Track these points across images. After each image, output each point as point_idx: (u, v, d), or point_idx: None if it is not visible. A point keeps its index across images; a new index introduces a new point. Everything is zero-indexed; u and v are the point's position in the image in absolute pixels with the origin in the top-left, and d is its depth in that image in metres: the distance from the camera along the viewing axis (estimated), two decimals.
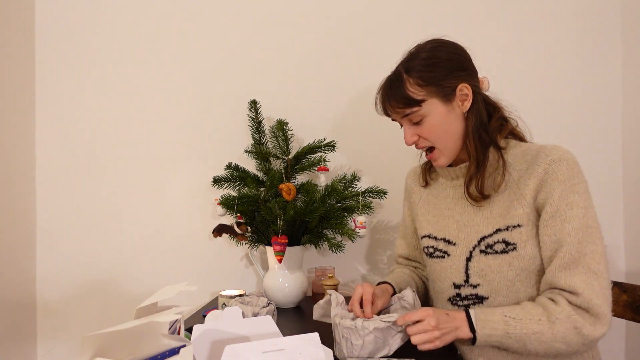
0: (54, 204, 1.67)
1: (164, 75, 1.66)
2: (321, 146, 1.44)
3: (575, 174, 0.89)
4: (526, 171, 0.92)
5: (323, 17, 1.61)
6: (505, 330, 0.86)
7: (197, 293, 1.61)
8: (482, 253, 0.95)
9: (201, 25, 1.65)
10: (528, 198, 0.91)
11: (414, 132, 0.98)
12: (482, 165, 0.95)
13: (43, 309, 1.67)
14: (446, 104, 0.95)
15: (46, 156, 1.68)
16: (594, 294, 0.84)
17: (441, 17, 1.57)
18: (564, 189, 0.88)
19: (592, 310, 0.83)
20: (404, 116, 0.97)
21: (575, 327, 0.84)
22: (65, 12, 1.68)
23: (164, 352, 0.60)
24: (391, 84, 0.98)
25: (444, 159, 1.00)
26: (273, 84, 1.62)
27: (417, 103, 0.94)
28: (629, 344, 1.48)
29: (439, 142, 0.98)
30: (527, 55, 1.54)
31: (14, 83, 1.59)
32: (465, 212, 1.00)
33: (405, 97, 0.95)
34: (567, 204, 0.87)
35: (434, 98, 0.94)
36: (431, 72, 0.94)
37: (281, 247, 1.30)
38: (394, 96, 0.96)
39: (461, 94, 0.96)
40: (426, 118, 0.95)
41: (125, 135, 1.67)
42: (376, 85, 1.63)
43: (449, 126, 0.96)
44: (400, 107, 0.96)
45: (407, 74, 0.95)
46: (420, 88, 0.94)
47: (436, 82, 0.94)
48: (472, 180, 0.96)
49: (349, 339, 0.89)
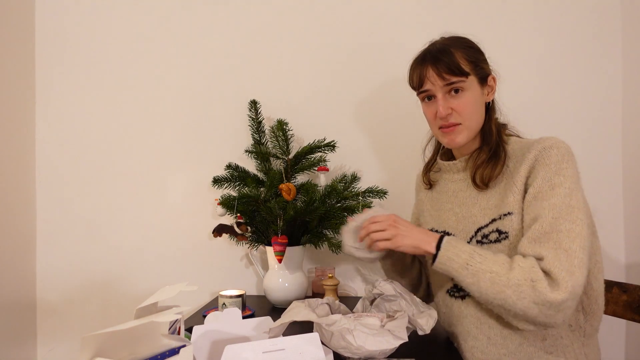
0: (54, 204, 1.67)
1: (164, 75, 1.66)
2: (321, 146, 1.44)
3: (565, 160, 0.89)
4: (520, 160, 0.95)
5: (323, 17, 1.61)
6: (466, 261, 0.88)
7: (197, 293, 1.61)
8: (479, 243, 0.97)
9: (201, 26, 1.65)
10: (519, 185, 0.92)
11: (449, 104, 0.98)
12: (494, 153, 0.98)
13: (43, 309, 1.67)
14: (481, 87, 1.00)
15: (46, 156, 1.68)
16: (559, 263, 0.82)
17: (441, 17, 1.57)
18: (548, 171, 0.89)
19: (552, 274, 0.82)
20: (447, 84, 0.97)
21: (532, 279, 0.82)
22: (65, 12, 1.68)
23: (164, 352, 0.60)
24: (439, 52, 0.97)
25: (463, 135, 1.00)
26: (273, 84, 1.62)
27: (465, 74, 0.96)
28: (629, 344, 1.48)
29: (469, 119, 0.99)
30: (527, 55, 1.53)
31: (14, 83, 1.59)
32: (464, 204, 1.03)
33: (457, 65, 0.96)
34: (549, 185, 0.88)
35: (475, 76, 0.98)
36: (474, 53, 0.99)
37: (281, 247, 1.30)
38: (445, 62, 0.96)
39: (489, 85, 1.01)
40: (466, 92, 0.97)
41: (125, 135, 1.67)
42: (376, 85, 1.63)
43: (479, 108, 1.00)
44: (449, 73, 0.96)
45: (453, 48, 0.97)
46: (467, 62, 0.97)
47: (478, 62, 0.98)
48: (482, 164, 0.99)
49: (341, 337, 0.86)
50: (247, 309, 1.32)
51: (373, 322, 0.84)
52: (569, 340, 0.93)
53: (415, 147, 1.57)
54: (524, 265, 0.84)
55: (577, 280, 0.82)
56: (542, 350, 0.92)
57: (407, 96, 1.18)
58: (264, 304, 1.42)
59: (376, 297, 1.04)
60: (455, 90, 0.97)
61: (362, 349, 0.82)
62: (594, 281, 0.94)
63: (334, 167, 1.57)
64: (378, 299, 1.04)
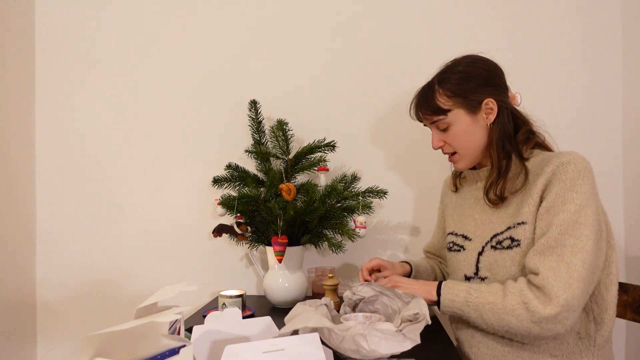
0: (54, 204, 1.67)
1: (163, 75, 1.66)
2: (321, 146, 1.44)
3: (580, 176, 0.92)
4: (538, 173, 0.97)
5: (323, 17, 1.61)
6: (465, 299, 0.95)
7: (197, 293, 1.61)
8: (492, 248, 1.01)
9: (201, 26, 1.65)
10: (535, 197, 0.95)
11: (440, 137, 1.08)
12: (503, 172, 1.02)
13: (43, 309, 1.67)
14: (471, 115, 1.03)
15: (46, 156, 1.68)
16: (553, 276, 0.86)
17: (441, 17, 1.57)
18: (563, 187, 0.92)
19: (545, 289, 0.86)
20: (432, 122, 1.07)
21: (523, 301, 0.88)
22: (65, 13, 1.68)
23: (164, 352, 0.60)
24: (424, 93, 1.08)
25: (462, 163, 1.09)
26: (273, 84, 1.62)
27: (444, 112, 1.03)
28: (629, 344, 1.48)
29: (461, 149, 1.07)
30: (527, 55, 1.53)
31: (14, 83, 1.59)
32: (484, 211, 1.08)
33: (434, 105, 1.04)
34: (562, 200, 0.91)
35: (460, 109, 1.03)
36: (460, 85, 1.03)
37: (281, 247, 1.30)
38: (424, 104, 1.07)
39: (486, 108, 1.03)
40: (452, 126, 1.05)
41: (125, 135, 1.67)
42: (376, 85, 1.64)
43: (472, 135, 1.05)
44: (429, 114, 1.06)
45: (438, 85, 1.05)
46: (448, 99, 1.03)
47: (463, 94, 1.02)
48: (492, 185, 1.03)
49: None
50: (247, 309, 1.32)
51: (388, 328, 0.84)
52: (577, 348, 0.95)
53: (415, 147, 1.57)
54: (514, 290, 0.90)
55: (572, 293, 0.85)
56: (546, 353, 0.95)
57: (408, 96, 1.19)
58: (264, 304, 1.42)
59: (358, 302, 1.05)
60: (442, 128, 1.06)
61: (375, 352, 0.82)
62: (604, 291, 0.96)
63: (334, 167, 1.57)
64: (360, 303, 1.04)
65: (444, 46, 1.56)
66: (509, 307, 0.89)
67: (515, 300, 0.89)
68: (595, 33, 1.51)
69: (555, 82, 1.52)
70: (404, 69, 1.57)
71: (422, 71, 1.59)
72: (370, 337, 0.82)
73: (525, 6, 1.54)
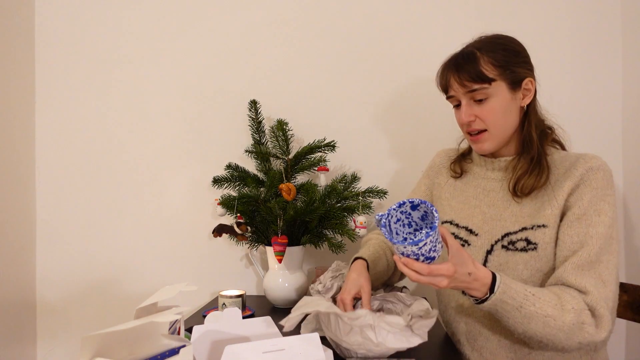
0: (54, 204, 1.67)
1: (163, 75, 1.66)
2: (321, 146, 1.44)
3: (609, 185, 0.90)
4: (563, 175, 0.93)
5: (323, 16, 1.61)
6: (521, 304, 0.83)
7: (197, 293, 1.61)
8: (504, 248, 0.95)
9: (201, 25, 1.65)
10: (560, 200, 0.92)
11: (472, 111, 0.96)
12: (537, 163, 0.95)
13: (43, 309, 1.66)
14: (511, 92, 0.95)
15: (46, 156, 1.68)
16: (603, 300, 0.84)
17: (441, 17, 1.57)
18: (595, 195, 0.89)
19: (597, 312, 0.83)
20: (469, 91, 0.95)
21: (582, 322, 0.82)
22: (65, 12, 1.68)
23: (164, 352, 0.60)
24: (464, 58, 0.96)
25: (490, 143, 0.98)
26: (273, 84, 1.62)
27: (488, 80, 0.93)
28: (629, 344, 1.48)
29: (494, 126, 0.96)
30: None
31: (14, 83, 1.59)
32: (494, 205, 1.00)
33: (478, 72, 0.93)
34: (595, 210, 0.88)
35: (503, 82, 0.94)
36: (507, 57, 0.95)
37: (281, 247, 1.30)
38: (467, 69, 0.94)
39: (525, 88, 0.96)
40: (490, 99, 0.94)
41: (125, 135, 1.67)
42: (376, 85, 1.63)
43: (508, 114, 0.96)
44: (469, 80, 0.94)
45: (481, 52, 0.94)
46: (493, 68, 0.93)
47: (508, 66, 0.94)
48: (523, 176, 0.95)
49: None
50: (247, 309, 1.32)
51: (397, 322, 0.84)
52: (577, 353, 0.94)
53: (415, 146, 1.57)
54: (577, 307, 0.83)
55: (612, 314, 0.85)
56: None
57: (407, 96, 1.18)
58: (264, 304, 1.42)
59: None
60: (478, 99, 0.95)
61: (382, 345, 0.82)
62: None
63: (334, 167, 1.57)
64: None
65: (444, 46, 1.54)
66: (567, 326, 0.82)
67: (574, 319, 0.82)
68: (595, 33, 1.51)
69: (555, 82, 1.52)
70: (405, 69, 1.57)
71: (422, 71, 1.58)
72: (378, 329, 0.82)
73: (524, 5, 1.54)
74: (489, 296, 0.83)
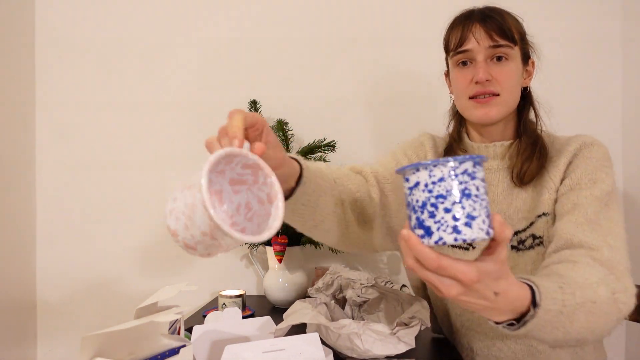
0: (54, 204, 1.67)
1: (163, 75, 1.66)
2: (321, 146, 1.44)
3: (605, 158, 0.84)
4: (556, 155, 0.88)
5: (323, 16, 1.61)
6: (562, 303, 0.59)
7: (197, 293, 1.61)
8: (514, 249, 0.88)
9: (201, 25, 1.65)
10: (556, 181, 0.85)
11: (489, 70, 0.87)
12: (541, 145, 0.89)
13: (43, 309, 1.66)
14: (522, 65, 0.91)
15: (46, 155, 1.68)
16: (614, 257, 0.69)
17: (440, 17, 1.57)
18: (590, 164, 0.82)
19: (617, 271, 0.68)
20: (494, 46, 0.86)
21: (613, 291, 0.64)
22: (65, 13, 1.68)
23: (164, 352, 0.60)
24: (491, 11, 0.88)
25: (499, 109, 0.87)
26: (273, 84, 1.62)
27: (514, 41, 0.87)
28: (629, 344, 1.48)
29: (507, 91, 0.87)
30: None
31: (14, 83, 1.59)
32: (495, 202, 0.91)
33: (508, 27, 0.86)
34: (590, 179, 0.81)
35: (519, 51, 0.90)
36: (521, 28, 0.91)
37: (281, 247, 1.30)
38: (497, 22, 0.86)
39: (528, 68, 0.93)
40: (510, 62, 0.88)
41: (125, 135, 1.67)
42: (376, 85, 1.63)
43: (517, 86, 0.90)
44: (499, 35, 0.86)
45: (505, 13, 0.89)
46: (516, 32, 0.88)
47: (524, 37, 0.91)
48: (526, 160, 0.87)
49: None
50: (247, 309, 1.32)
51: (382, 329, 0.84)
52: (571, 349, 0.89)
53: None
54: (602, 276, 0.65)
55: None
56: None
57: (408, 96, 1.18)
58: (264, 304, 1.42)
59: (362, 304, 1.04)
60: (498, 57, 0.87)
61: (369, 352, 0.82)
62: None
63: None
64: (365, 305, 1.04)
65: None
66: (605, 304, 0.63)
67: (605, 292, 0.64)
68: (595, 33, 1.51)
69: (555, 82, 1.52)
70: (405, 69, 1.57)
71: (422, 71, 1.58)
72: (364, 337, 0.82)
73: (524, 5, 1.54)
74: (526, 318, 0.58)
